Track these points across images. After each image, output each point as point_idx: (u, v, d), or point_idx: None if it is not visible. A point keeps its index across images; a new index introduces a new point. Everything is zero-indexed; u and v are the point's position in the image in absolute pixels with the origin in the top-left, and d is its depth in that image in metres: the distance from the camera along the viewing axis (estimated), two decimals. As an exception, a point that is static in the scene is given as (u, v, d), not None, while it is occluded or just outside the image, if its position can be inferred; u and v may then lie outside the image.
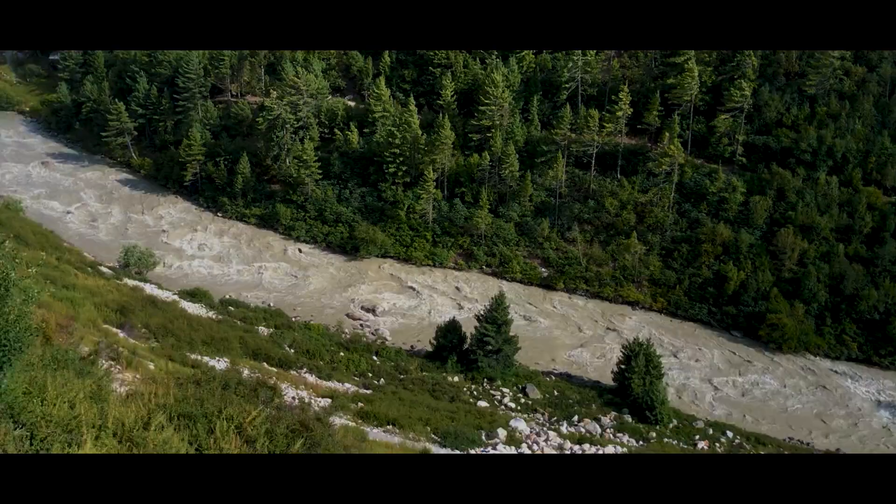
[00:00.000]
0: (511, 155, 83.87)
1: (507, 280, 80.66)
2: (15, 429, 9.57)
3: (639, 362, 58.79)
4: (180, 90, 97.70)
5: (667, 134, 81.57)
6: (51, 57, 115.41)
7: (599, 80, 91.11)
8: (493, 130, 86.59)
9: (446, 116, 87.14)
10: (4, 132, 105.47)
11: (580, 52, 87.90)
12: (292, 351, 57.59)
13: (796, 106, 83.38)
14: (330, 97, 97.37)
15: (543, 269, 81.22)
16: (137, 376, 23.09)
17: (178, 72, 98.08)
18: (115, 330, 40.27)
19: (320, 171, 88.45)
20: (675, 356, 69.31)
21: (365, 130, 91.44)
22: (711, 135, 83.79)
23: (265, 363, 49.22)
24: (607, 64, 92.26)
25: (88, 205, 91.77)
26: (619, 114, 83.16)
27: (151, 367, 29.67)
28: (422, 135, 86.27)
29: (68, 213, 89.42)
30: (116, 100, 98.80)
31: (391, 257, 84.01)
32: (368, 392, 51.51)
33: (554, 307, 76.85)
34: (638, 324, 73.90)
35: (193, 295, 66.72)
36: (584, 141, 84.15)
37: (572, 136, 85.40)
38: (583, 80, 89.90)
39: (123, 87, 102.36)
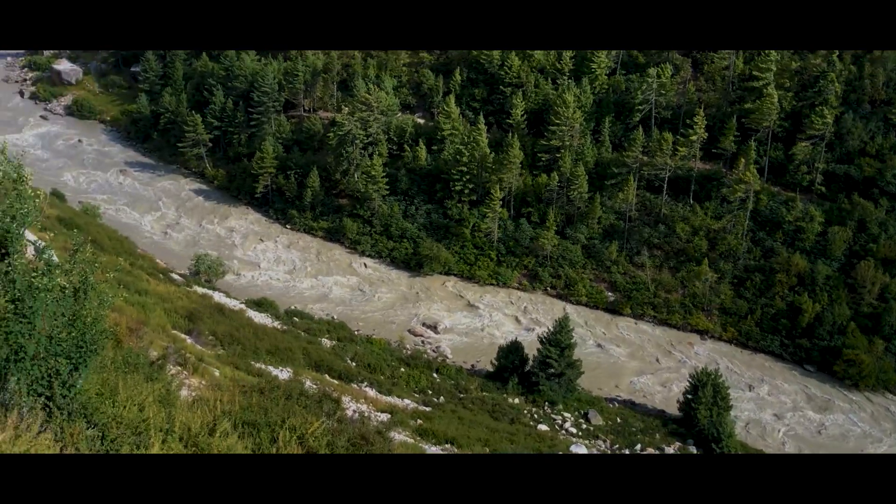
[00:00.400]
0: (580, 176, 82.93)
1: (572, 303, 79.50)
2: (88, 428, 9.54)
3: (706, 392, 57.01)
4: (255, 104, 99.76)
5: (742, 160, 79.47)
6: (132, 69, 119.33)
7: (674, 102, 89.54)
8: (562, 151, 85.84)
9: (515, 136, 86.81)
10: (86, 140, 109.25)
11: (655, 73, 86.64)
12: (354, 364, 57.68)
13: (881, 135, 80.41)
14: (400, 114, 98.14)
15: (610, 294, 79.80)
16: (203, 382, 23.20)
17: (253, 86, 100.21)
18: (183, 336, 40.85)
19: (387, 187, 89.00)
20: (745, 388, 67.07)
21: (433, 148, 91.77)
22: (789, 162, 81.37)
23: (327, 375, 49.34)
24: (682, 87, 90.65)
25: (163, 213, 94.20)
26: (694, 138, 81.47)
27: (217, 374, 29.89)
28: (490, 153, 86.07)
29: (143, 220, 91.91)
30: (193, 112, 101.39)
31: (455, 275, 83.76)
32: (427, 409, 51.10)
33: (619, 333, 75.34)
34: (706, 353, 71.85)
35: (260, 304, 67.61)
36: (656, 164, 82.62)
37: (644, 159, 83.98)
38: (657, 103, 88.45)
39: (200, 100, 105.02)
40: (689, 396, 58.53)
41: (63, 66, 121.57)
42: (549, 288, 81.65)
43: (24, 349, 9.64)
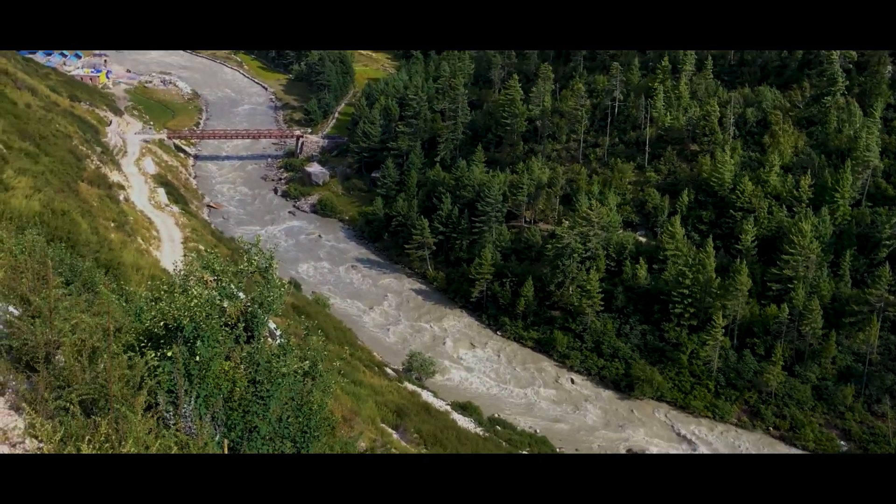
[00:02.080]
0: (814, 310, 76.72)
1: (797, 447, 72.28)
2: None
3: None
4: (479, 213, 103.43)
5: None
6: (373, 174, 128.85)
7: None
8: (795, 282, 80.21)
9: (744, 262, 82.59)
10: (325, 236, 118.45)
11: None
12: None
13: None
14: (621, 231, 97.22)
15: (843, 443, 71.77)
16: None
17: (479, 195, 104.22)
18: (390, 430, 41.74)
19: (602, 303, 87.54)
20: None
21: (654, 267, 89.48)
22: None
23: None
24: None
25: (384, 309, 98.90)
26: (953, 279, 73.06)
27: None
28: (715, 278, 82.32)
29: (366, 313, 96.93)
30: (422, 216, 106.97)
31: (667, 402, 79.54)
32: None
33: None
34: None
35: (465, 408, 67.96)
36: (904, 305, 74.72)
37: (890, 298, 76.24)
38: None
39: (429, 206, 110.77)
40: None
41: (314, 168, 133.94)
42: (771, 428, 75.03)
43: (258, 429, 10.04)
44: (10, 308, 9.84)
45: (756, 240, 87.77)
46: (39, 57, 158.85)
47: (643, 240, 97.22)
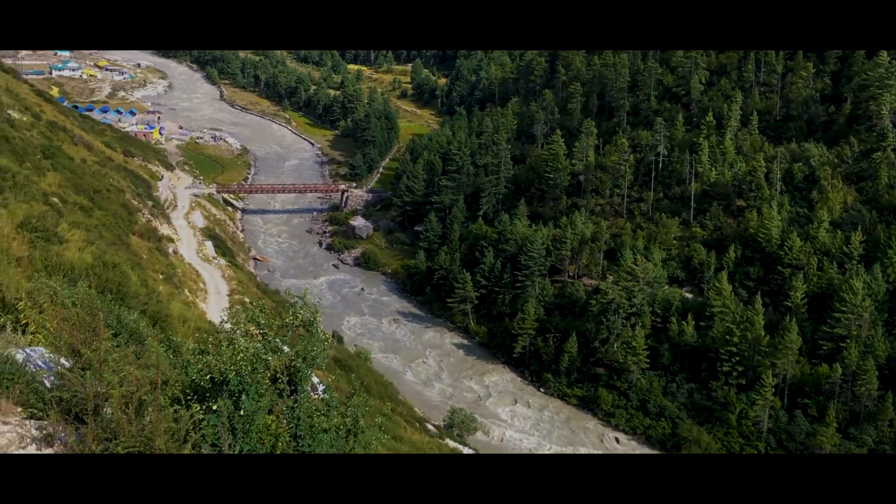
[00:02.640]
0: (869, 371, 74.35)
1: (854, 515, 69.25)
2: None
3: None
4: (522, 267, 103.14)
5: None
6: (416, 227, 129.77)
7: None
8: (847, 341, 77.97)
9: (793, 319, 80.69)
10: (368, 289, 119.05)
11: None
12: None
13: None
14: (666, 286, 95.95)
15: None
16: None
17: (522, 250, 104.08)
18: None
19: (648, 361, 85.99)
20: None
21: (700, 324, 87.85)
22: None
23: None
24: None
25: (426, 363, 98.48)
26: None
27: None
28: (764, 336, 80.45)
29: (408, 368, 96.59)
30: (464, 270, 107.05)
31: (715, 463, 77.13)
32: None
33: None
34: None
35: (506, 467, 66.71)
36: (964, 366, 72.04)
37: (949, 358, 73.66)
38: (966, 296, 78.25)
39: (472, 259, 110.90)
40: None
41: (358, 222, 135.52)
42: (826, 493, 72.15)
43: (299, 486, 9.91)
44: (62, 360, 9.99)
45: (806, 297, 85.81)
46: (96, 114, 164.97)
47: (689, 296, 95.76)
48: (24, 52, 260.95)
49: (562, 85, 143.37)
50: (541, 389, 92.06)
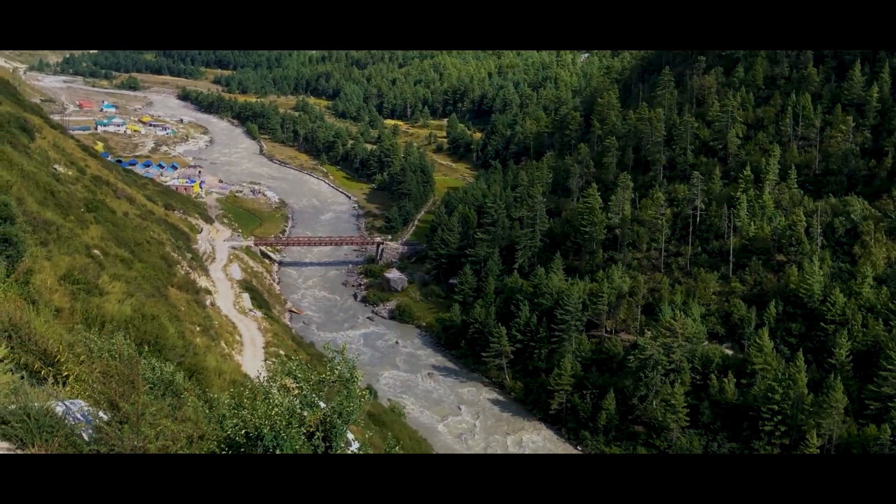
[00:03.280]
0: (919, 431, 71.78)
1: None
2: None
3: None
4: (558, 321, 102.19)
5: None
6: (450, 280, 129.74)
7: None
8: (896, 400, 75.58)
9: (838, 377, 78.49)
10: (402, 342, 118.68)
11: None
12: None
13: None
14: (706, 342, 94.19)
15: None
16: None
17: (558, 304, 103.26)
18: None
19: (688, 419, 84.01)
20: None
21: (742, 381, 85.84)
22: None
23: None
24: None
25: (460, 418, 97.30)
26: None
27: None
28: (808, 394, 78.29)
29: (441, 423, 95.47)
30: (499, 324, 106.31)
31: (760, 527, 74.53)
32: None
33: None
34: None
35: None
36: None
37: None
38: None
39: (507, 313, 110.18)
40: None
41: (393, 274, 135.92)
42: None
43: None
44: (100, 412, 9.94)
45: (850, 354, 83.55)
46: (139, 168, 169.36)
47: (730, 352, 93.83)
48: (71, 108, 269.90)
49: (597, 138, 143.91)
50: (578, 448, 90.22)
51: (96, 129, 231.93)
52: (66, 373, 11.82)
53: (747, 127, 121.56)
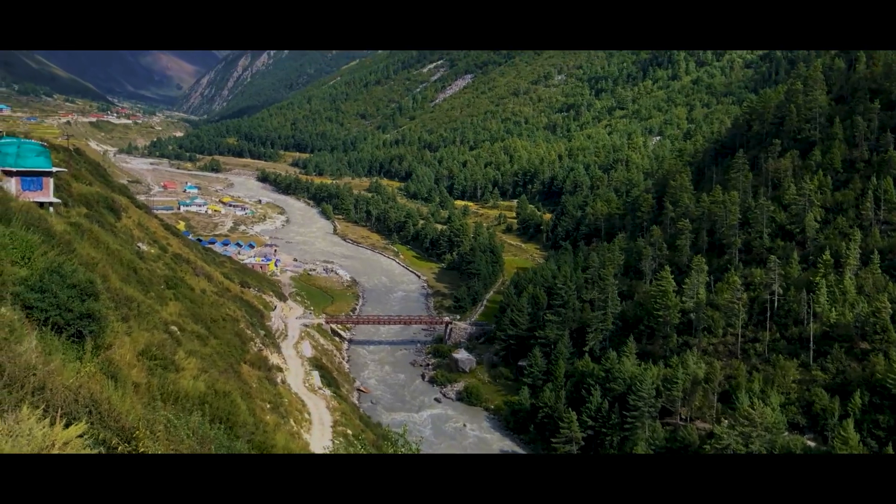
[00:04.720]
0: None
1: None
2: None
3: None
4: (630, 408, 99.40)
5: None
6: (519, 363, 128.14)
7: None
8: None
9: (933, 475, 73.54)
10: (470, 425, 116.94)
11: None
12: None
13: None
14: (786, 433, 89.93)
15: None
16: None
17: (630, 389, 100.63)
18: None
19: (769, 514, 79.57)
20: None
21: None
22: None
23: None
24: None
25: None
26: None
27: None
28: (900, 492, 73.48)
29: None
30: (569, 409, 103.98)
31: None
32: None
33: None
34: None
35: None
36: None
37: None
38: None
39: (577, 398, 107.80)
40: None
41: (461, 355, 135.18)
42: None
43: None
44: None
45: (947, 450, 78.52)
46: (217, 247, 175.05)
47: (812, 444, 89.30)
48: (156, 189, 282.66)
49: (669, 221, 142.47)
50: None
51: (179, 208, 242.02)
52: (141, 449, 12.02)
53: (826, 210, 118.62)
